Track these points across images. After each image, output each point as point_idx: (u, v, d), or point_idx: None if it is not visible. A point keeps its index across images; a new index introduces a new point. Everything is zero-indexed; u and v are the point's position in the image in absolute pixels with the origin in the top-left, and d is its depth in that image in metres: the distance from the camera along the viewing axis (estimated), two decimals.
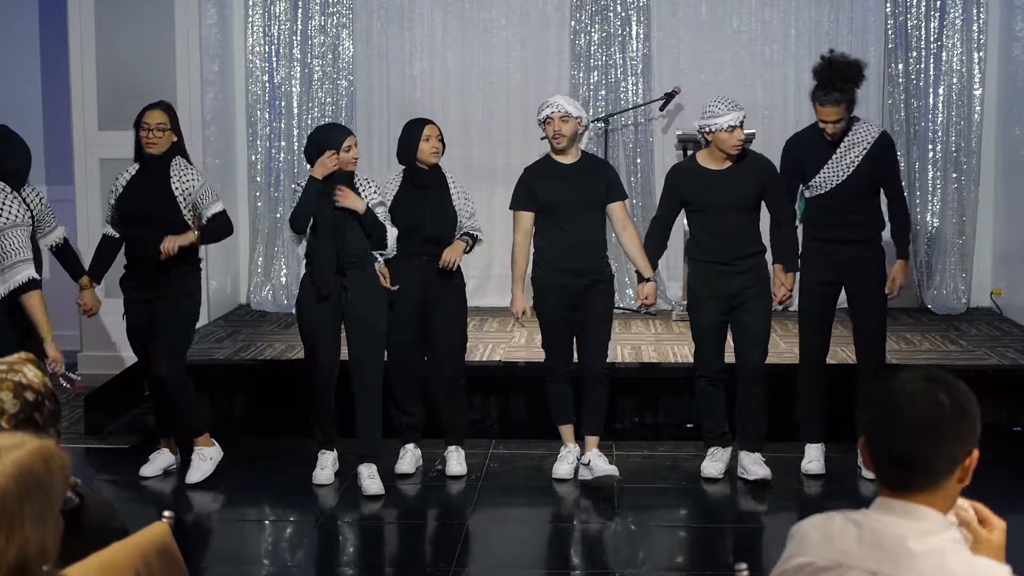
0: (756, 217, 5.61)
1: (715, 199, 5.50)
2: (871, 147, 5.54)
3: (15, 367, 2.26)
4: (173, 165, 5.51)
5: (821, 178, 5.58)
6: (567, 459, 5.70)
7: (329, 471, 5.66)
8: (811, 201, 5.68)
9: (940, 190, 8.07)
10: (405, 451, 5.81)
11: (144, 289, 5.53)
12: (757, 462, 5.61)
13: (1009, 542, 2.05)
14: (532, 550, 5.08)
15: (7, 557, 1.69)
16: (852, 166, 5.54)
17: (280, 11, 8.24)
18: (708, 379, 5.64)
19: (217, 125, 7.96)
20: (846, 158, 5.55)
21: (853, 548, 1.92)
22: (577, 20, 8.20)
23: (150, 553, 2.28)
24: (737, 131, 5.41)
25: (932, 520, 1.91)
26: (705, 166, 5.57)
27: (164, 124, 5.47)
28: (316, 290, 5.41)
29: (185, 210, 5.49)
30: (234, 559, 5.00)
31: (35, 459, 1.74)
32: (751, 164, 5.56)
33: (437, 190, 5.62)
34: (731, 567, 2.31)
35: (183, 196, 5.47)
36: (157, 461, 5.74)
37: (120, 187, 5.57)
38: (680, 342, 6.81)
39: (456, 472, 5.72)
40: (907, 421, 1.91)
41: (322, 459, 5.66)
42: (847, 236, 5.57)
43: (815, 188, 5.63)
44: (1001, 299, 8.04)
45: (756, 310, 5.56)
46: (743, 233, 5.54)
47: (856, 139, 5.56)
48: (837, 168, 5.55)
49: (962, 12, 7.97)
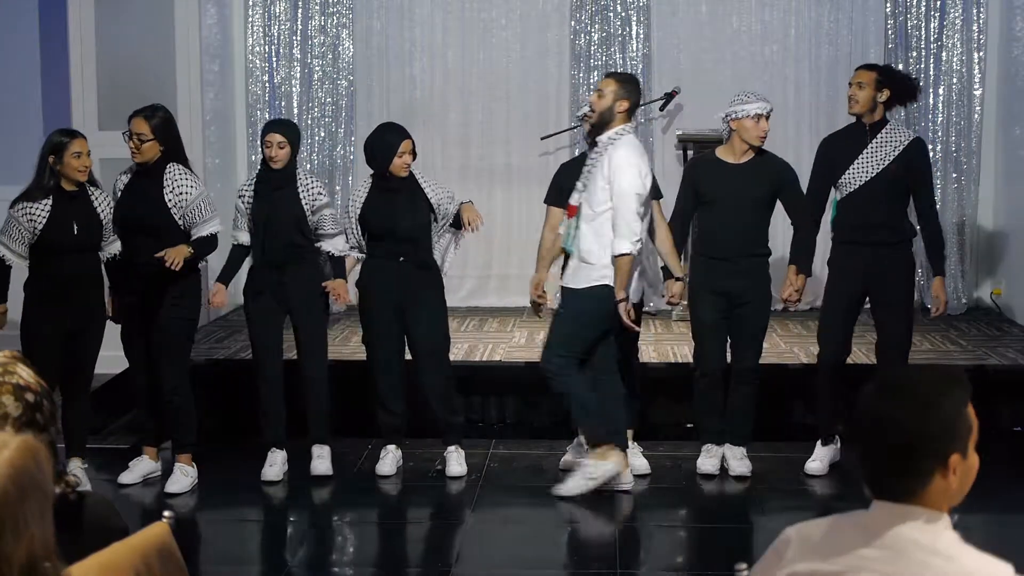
0: (766, 218, 5.61)
1: (727, 192, 5.51)
2: (904, 149, 5.55)
3: (9, 368, 2.22)
4: (167, 173, 5.41)
5: (851, 174, 5.56)
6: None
7: (278, 468, 5.67)
8: (841, 203, 5.66)
9: (940, 190, 8.05)
10: (387, 452, 5.80)
11: (137, 295, 5.49)
12: (739, 457, 5.68)
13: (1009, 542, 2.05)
14: (532, 550, 5.07)
15: (17, 557, 1.69)
16: (882, 164, 5.53)
17: (280, 11, 8.25)
18: (708, 377, 5.67)
19: (217, 125, 7.96)
20: (877, 155, 5.54)
21: (862, 552, 1.91)
22: (577, 20, 8.21)
23: (150, 553, 2.28)
24: (763, 121, 5.46)
25: (937, 520, 1.91)
26: (723, 159, 5.59)
27: (145, 134, 5.34)
28: (252, 286, 5.54)
29: (179, 220, 5.42)
30: (234, 559, 5.00)
31: (26, 457, 1.74)
32: (768, 163, 5.58)
33: (407, 191, 5.63)
34: (731, 567, 2.31)
35: (176, 207, 5.40)
36: (137, 468, 5.69)
37: (118, 191, 5.54)
38: (680, 342, 6.81)
39: (456, 473, 5.72)
40: (873, 445, 1.92)
41: (271, 456, 5.69)
42: (876, 239, 5.54)
43: (844, 186, 5.61)
44: (1001, 299, 8.04)
45: (754, 312, 5.58)
46: (751, 231, 5.54)
47: (888, 138, 5.57)
48: (868, 164, 5.54)
49: (962, 12, 7.97)
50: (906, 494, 1.91)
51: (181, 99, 7.50)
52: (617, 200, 5.18)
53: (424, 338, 5.68)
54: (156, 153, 5.40)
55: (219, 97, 8.00)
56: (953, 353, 6.86)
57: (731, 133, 5.55)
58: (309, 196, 5.56)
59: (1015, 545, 4.93)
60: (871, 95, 5.52)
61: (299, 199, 5.55)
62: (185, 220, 5.41)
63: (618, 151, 5.22)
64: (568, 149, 8.24)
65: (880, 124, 5.58)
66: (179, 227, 5.41)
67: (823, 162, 5.71)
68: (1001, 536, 4.85)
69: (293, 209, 5.54)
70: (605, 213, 5.22)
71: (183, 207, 5.39)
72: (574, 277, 5.35)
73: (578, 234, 5.32)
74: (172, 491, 5.52)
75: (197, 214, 5.41)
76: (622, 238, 5.19)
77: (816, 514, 2.15)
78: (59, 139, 5.34)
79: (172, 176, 5.41)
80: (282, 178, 5.56)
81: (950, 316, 7.92)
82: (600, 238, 5.25)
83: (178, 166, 5.45)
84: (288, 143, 5.54)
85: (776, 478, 5.70)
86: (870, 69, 5.62)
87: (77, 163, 5.30)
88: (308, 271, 5.62)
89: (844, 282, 5.64)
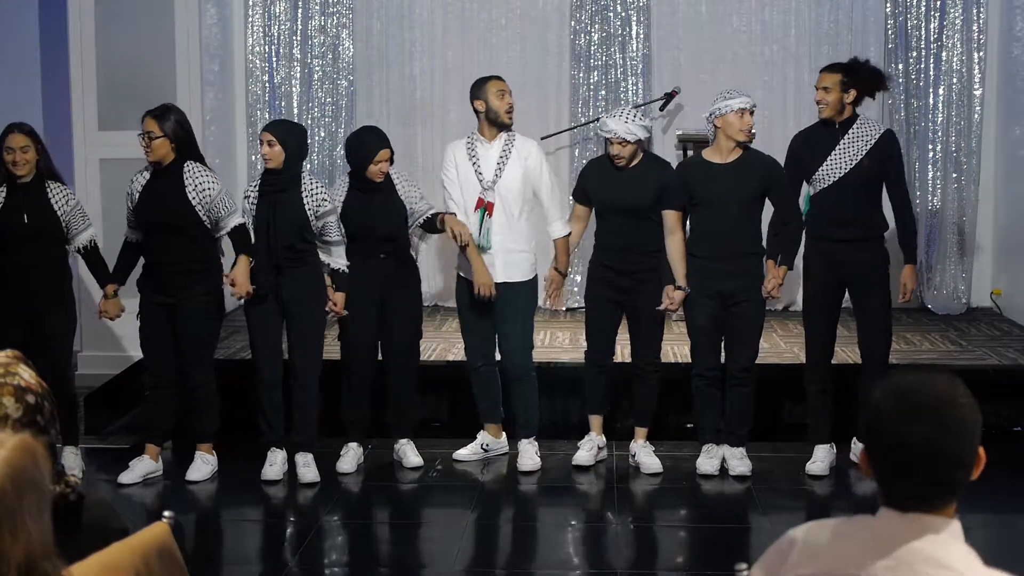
0: (757, 216, 5.62)
1: (716, 193, 5.52)
2: (875, 143, 5.56)
3: (10, 369, 2.21)
4: (186, 171, 5.47)
5: (824, 171, 5.59)
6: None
7: (278, 468, 5.71)
8: (814, 199, 5.68)
9: (940, 190, 8.06)
10: (347, 449, 5.86)
11: (164, 293, 5.56)
12: (738, 457, 5.71)
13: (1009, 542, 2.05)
14: (532, 550, 5.08)
15: (15, 556, 1.69)
16: (854, 160, 5.55)
17: (280, 11, 8.24)
18: (705, 377, 5.70)
19: (217, 125, 7.96)
20: (849, 151, 5.56)
21: (868, 560, 1.89)
22: (577, 20, 8.20)
23: (150, 553, 2.28)
24: (747, 116, 5.48)
25: (947, 530, 1.89)
26: (710, 160, 5.60)
27: (154, 132, 5.42)
28: (255, 288, 5.57)
29: (204, 217, 5.49)
30: (234, 559, 5.00)
31: (23, 455, 1.74)
32: (755, 161, 5.59)
33: (384, 191, 5.70)
34: (731, 567, 2.30)
35: (200, 204, 5.46)
36: (137, 468, 5.71)
37: (136, 192, 5.56)
38: (680, 342, 6.81)
39: (414, 463, 5.82)
40: (918, 468, 1.86)
41: (271, 456, 5.74)
42: (849, 235, 5.57)
43: (818, 183, 5.63)
44: (1001, 299, 8.03)
45: (749, 311, 5.60)
46: (742, 230, 5.55)
47: (860, 133, 5.58)
48: (840, 161, 5.56)
49: (962, 12, 7.96)
50: (942, 505, 1.88)
51: (181, 99, 7.48)
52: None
53: (400, 332, 5.78)
54: (167, 152, 5.45)
55: (219, 97, 8.00)
56: (953, 353, 6.86)
57: (716, 132, 5.57)
58: (313, 201, 5.56)
59: (1015, 545, 4.93)
60: (838, 98, 5.55)
61: (302, 203, 5.55)
62: (210, 216, 5.49)
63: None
64: (568, 149, 8.25)
65: (850, 121, 5.60)
66: (204, 224, 5.50)
67: (795, 158, 5.74)
68: (1001, 536, 4.85)
69: (295, 213, 5.53)
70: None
71: (207, 203, 5.46)
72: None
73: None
74: (193, 479, 5.67)
75: (222, 208, 5.50)
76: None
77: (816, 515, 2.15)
78: (2, 133, 5.44)
79: (192, 174, 5.47)
80: (286, 181, 5.55)
81: (950, 316, 7.93)
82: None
83: (196, 164, 5.52)
84: (279, 142, 5.50)
85: (776, 478, 5.70)
86: (833, 71, 5.59)
87: (8, 158, 5.42)
88: (307, 275, 5.62)
89: (820, 278, 5.65)
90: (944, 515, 1.89)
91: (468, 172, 5.77)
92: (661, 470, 5.74)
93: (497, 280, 5.71)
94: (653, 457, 5.79)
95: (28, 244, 5.48)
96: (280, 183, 5.55)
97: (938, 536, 1.87)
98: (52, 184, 5.54)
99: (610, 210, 5.66)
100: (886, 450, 1.88)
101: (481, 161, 5.75)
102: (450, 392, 6.45)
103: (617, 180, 5.61)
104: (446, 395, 6.49)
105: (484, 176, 5.72)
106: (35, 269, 5.51)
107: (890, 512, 1.91)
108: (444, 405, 6.54)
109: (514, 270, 5.77)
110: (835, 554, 1.93)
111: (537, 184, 5.77)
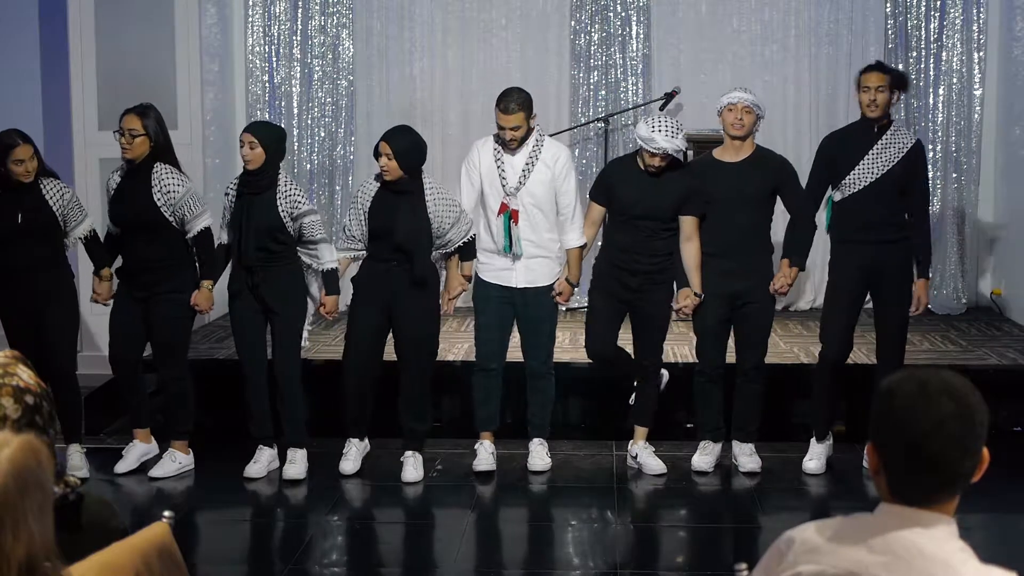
0: (767, 217, 5.62)
1: (726, 192, 5.51)
2: (907, 152, 5.54)
3: (9, 369, 2.20)
4: (155, 172, 5.53)
5: (856, 175, 5.55)
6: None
7: (261, 466, 5.72)
8: (839, 204, 5.65)
9: (940, 190, 8.06)
10: (349, 446, 5.82)
11: (137, 287, 5.66)
12: (748, 453, 5.73)
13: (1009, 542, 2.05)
14: (532, 550, 5.08)
15: (16, 555, 1.69)
16: (887, 166, 5.53)
17: (280, 11, 8.25)
18: (707, 375, 5.71)
19: (217, 125, 7.96)
20: (882, 157, 5.53)
21: (865, 557, 1.90)
22: (577, 20, 8.20)
23: (150, 553, 2.28)
24: (736, 111, 5.49)
25: (944, 527, 1.89)
26: (720, 159, 5.61)
27: (136, 130, 5.47)
28: (231, 286, 5.62)
29: (170, 218, 5.55)
30: (234, 559, 5.00)
31: (26, 455, 1.74)
32: (766, 160, 5.60)
33: (411, 198, 5.54)
34: (731, 567, 2.30)
35: (166, 205, 5.52)
36: (131, 454, 5.80)
37: (111, 189, 5.68)
38: (680, 342, 6.81)
39: (411, 479, 5.68)
40: (928, 454, 1.87)
41: (257, 454, 5.76)
42: (876, 238, 5.54)
43: (846, 187, 5.59)
44: (1001, 299, 8.04)
45: (758, 311, 5.61)
46: (751, 231, 5.55)
47: (893, 140, 5.56)
48: (873, 166, 5.54)
49: (962, 12, 7.97)
50: (943, 500, 1.89)
51: (181, 99, 7.50)
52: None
53: (407, 342, 5.68)
54: (146, 150, 5.53)
55: (219, 97, 8.00)
56: (953, 353, 6.86)
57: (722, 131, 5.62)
58: (287, 203, 5.52)
59: (1015, 545, 4.93)
60: (888, 98, 5.52)
61: (276, 205, 5.52)
62: (175, 217, 5.56)
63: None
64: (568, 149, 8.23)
65: (887, 125, 5.58)
66: (171, 224, 5.57)
67: (824, 161, 5.69)
68: (1001, 536, 4.85)
69: (268, 215, 5.51)
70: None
71: (172, 204, 5.52)
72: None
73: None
74: (155, 475, 5.70)
75: (187, 210, 5.55)
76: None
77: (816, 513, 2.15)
78: (4, 142, 5.41)
79: (159, 176, 5.54)
80: (263, 183, 5.53)
81: (950, 316, 7.93)
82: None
83: (165, 166, 5.57)
84: (260, 144, 5.49)
85: (776, 478, 5.70)
86: (883, 71, 5.55)
87: (19, 169, 5.42)
88: (281, 275, 5.60)
89: (846, 281, 5.63)
90: (943, 513, 1.90)
91: (493, 176, 5.68)
92: (665, 471, 5.74)
93: (519, 285, 5.69)
94: (656, 458, 5.78)
95: (26, 243, 5.49)
96: (257, 185, 5.53)
97: (935, 533, 1.88)
98: (45, 180, 5.54)
99: (634, 214, 5.58)
100: (897, 433, 1.89)
101: (506, 165, 5.67)
102: (450, 392, 6.45)
103: (646, 185, 5.54)
104: (446, 395, 6.48)
105: (508, 182, 5.63)
106: (34, 268, 5.52)
107: (888, 509, 1.92)
108: (444, 405, 6.53)
109: (537, 275, 5.72)
110: (832, 552, 1.94)
111: (559, 189, 5.67)
